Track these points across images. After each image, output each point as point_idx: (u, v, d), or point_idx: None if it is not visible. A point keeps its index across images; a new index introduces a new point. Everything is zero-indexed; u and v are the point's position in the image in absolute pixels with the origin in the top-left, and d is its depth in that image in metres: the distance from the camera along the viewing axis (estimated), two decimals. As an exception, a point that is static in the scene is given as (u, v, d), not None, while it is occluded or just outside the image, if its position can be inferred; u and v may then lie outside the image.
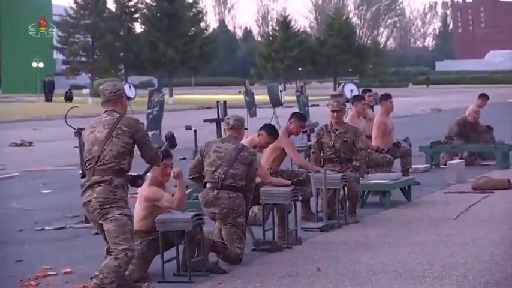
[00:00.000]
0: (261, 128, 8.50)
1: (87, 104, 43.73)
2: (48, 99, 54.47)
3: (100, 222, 5.94)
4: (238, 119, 7.86)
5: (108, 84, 6.32)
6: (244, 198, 7.57)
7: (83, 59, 60.57)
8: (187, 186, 11.85)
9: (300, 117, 9.65)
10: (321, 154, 9.87)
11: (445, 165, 13.69)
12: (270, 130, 8.53)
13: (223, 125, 7.88)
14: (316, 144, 9.90)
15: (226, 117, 8.03)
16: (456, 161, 13.58)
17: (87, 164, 6.03)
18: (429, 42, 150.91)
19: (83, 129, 13.90)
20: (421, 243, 8.08)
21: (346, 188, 9.41)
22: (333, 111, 9.84)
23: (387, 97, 12.66)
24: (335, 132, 9.81)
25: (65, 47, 60.64)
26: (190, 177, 7.82)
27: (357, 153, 9.78)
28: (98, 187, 5.91)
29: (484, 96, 15.92)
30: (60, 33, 60.10)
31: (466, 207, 10.13)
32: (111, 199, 5.90)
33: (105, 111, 6.18)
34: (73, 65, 60.28)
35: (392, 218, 9.69)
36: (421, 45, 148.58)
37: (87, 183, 5.97)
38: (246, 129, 8.27)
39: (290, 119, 9.51)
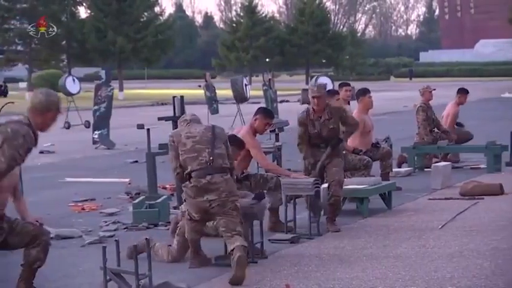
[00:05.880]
0: None
1: (24, 99, 43.36)
2: (-18, 94, 54.11)
3: None
4: (194, 114, 8.01)
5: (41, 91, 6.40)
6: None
7: (19, 47, 59.99)
8: (139, 193, 11.90)
9: (266, 113, 9.65)
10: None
11: (430, 168, 13.80)
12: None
13: (179, 124, 7.92)
14: (304, 134, 9.87)
15: (182, 116, 8.06)
16: (442, 163, 13.69)
17: None
18: (412, 30, 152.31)
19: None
20: (403, 256, 8.14)
21: (320, 193, 9.48)
22: (314, 97, 9.85)
23: (365, 92, 12.75)
24: (319, 120, 9.86)
25: (-3, 34, 60.06)
26: (179, 178, 7.70)
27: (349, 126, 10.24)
28: None
29: (463, 92, 16.32)
30: (-8, 19, 59.48)
31: (452, 216, 10.23)
32: None
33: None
34: (8, 55, 59.66)
35: (370, 227, 9.75)
36: (403, 34, 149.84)
37: None
38: None
39: (255, 115, 9.53)
